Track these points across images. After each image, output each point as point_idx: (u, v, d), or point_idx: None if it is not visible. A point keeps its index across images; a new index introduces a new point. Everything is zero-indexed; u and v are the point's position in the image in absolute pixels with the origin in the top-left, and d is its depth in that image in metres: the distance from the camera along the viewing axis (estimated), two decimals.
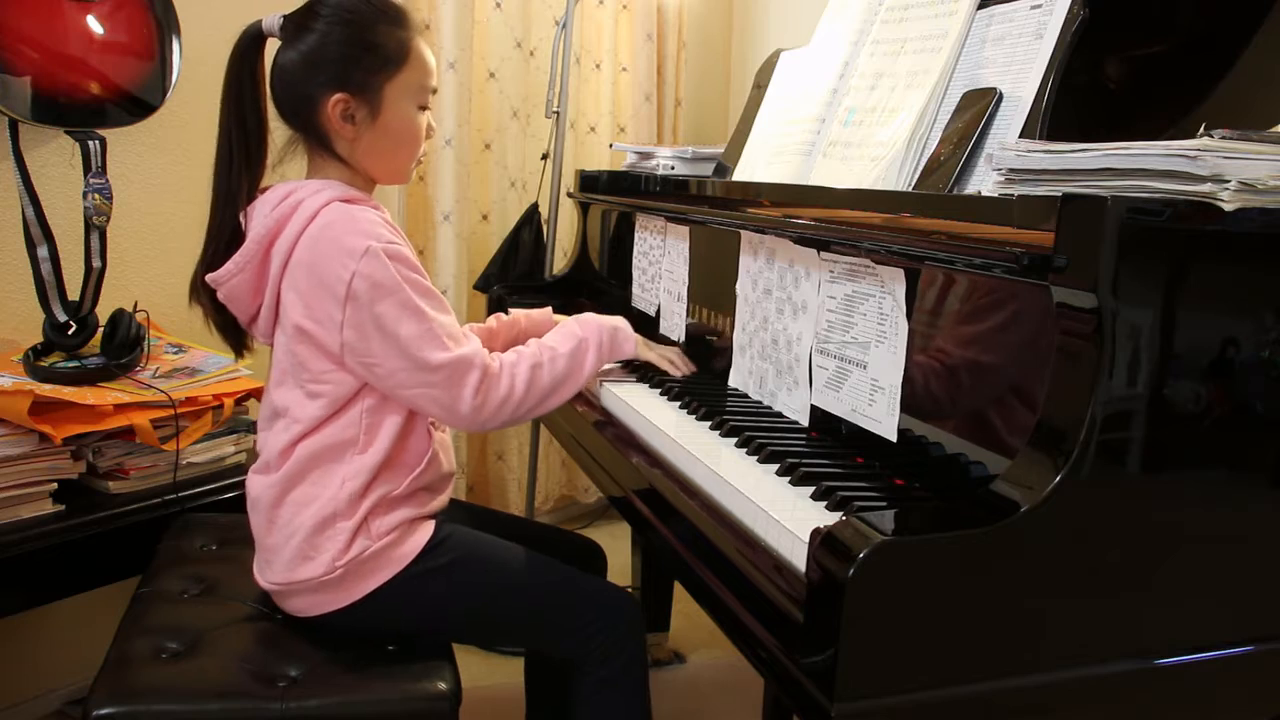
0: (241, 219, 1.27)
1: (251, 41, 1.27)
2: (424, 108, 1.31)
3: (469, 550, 1.32)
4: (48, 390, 1.57)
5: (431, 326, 1.23)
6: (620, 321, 1.50)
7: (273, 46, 1.28)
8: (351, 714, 1.19)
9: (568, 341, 1.40)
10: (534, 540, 1.41)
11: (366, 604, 1.26)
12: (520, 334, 1.62)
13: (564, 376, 1.37)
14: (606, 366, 1.59)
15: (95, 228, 1.75)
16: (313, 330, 1.22)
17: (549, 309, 1.69)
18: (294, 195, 1.23)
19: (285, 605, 1.31)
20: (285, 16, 1.26)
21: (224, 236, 1.27)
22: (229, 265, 1.25)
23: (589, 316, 1.48)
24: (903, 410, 1.12)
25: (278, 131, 1.30)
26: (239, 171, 1.27)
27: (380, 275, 1.19)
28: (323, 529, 1.24)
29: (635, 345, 1.51)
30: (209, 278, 1.27)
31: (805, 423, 1.31)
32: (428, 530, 1.30)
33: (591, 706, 1.32)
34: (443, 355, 1.23)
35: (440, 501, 1.36)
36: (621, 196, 2.03)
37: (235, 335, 1.35)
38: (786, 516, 1.00)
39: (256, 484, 1.29)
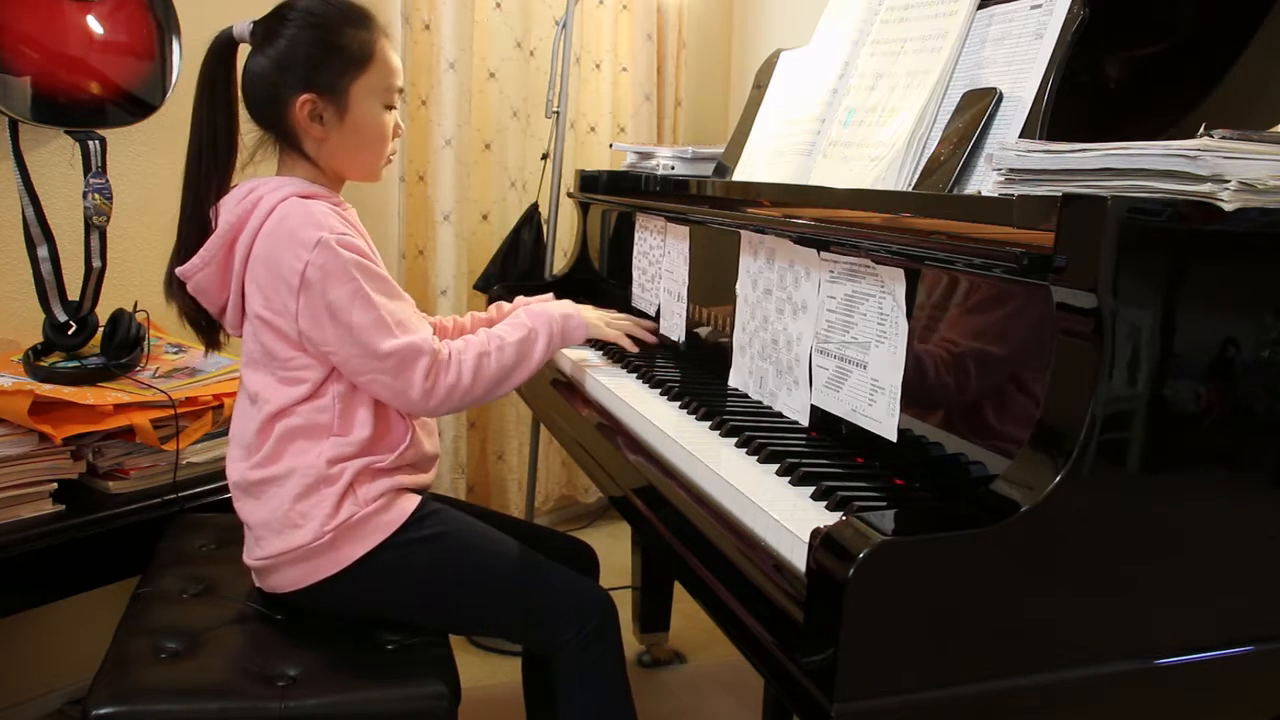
0: (212, 215, 1.31)
1: (224, 47, 1.32)
2: (390, 107, 1.35)
3: (454, 527, 1.35)
4: (48, 390, 1.57)
5: (381, 314, 1.26)
6: (570, 308, 1.53)
7: (244, 51, 1.32)
8: (350, 714, 1.19)
9: (516, 331, 1.43)
10: (525, 539, 1.42)
11: (351, 575, 1.28)
12: None
13: (512, 365, 1.41)
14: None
15: (95, 228, 1.75)
16: (273, 320, 1.27)
17: (550, 295, 1.70)
18: (255, 191, 1.28)
19: (271, 582, 1.32)
20: (255, 22, 1.31)
21: (193, 233, 1.32)
22: (195, 259, 1.30)
23: (539, 307, 1.51)
24: (903, 410, 1.12)
25: (249, 134, 1.34)
26: (208, 172, 1.32)
27: (332, 265, 1.23)
28: (307, 495, 1.27)
29: (587, 330, 1.54)
30: (178, 270, 1.32)
31: (805, 423, 1.30)
32: (413, 501, 1.33)
33: (571, 700, 1.33)
34: (391, 343, 1.27)
35: (424, 479, 1.39)
36: (621, 196, 2.03)
37: (206, 330, 1.39)
38: (786, 516, 1.00)
39: (237, 469, 1.32)
